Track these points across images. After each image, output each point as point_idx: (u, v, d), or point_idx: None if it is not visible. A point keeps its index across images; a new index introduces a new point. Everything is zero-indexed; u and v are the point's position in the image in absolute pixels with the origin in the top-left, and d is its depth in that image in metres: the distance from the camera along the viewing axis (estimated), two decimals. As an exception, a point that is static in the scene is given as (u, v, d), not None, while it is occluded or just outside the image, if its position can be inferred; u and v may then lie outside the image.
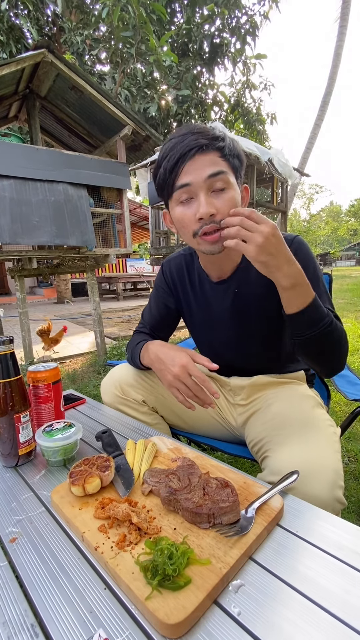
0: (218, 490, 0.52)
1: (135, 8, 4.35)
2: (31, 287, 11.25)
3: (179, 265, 0.99)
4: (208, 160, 0.71)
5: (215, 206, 0.71)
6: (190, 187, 0.72)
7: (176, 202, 0.76)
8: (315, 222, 40.46)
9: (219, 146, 0.72)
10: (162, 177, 0.76)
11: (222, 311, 0.91)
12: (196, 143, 0.70)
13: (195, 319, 0.99)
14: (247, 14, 6.85)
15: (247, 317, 0.89)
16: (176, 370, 0.73)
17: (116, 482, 0.60)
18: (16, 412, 0.68)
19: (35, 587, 0.43)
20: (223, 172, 0.71)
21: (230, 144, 0.74)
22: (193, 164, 0.71)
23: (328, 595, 0.40)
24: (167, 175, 0.74)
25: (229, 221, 0.65)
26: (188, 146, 0.70)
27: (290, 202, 11.19)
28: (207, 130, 0.73)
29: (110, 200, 3.16)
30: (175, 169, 0.72)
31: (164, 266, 1.03)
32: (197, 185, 0.71)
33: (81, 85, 2.82)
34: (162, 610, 0.37)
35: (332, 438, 0.70)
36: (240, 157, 0.78)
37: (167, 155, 0.73)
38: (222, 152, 0.72)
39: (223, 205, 0.72)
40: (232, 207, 0.72)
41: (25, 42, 5.76)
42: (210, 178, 0.71)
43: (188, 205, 0.74)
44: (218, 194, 0.72)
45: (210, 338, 0.97)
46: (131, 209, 9.51)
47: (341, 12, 12.50)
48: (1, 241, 2.42)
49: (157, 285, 1.04)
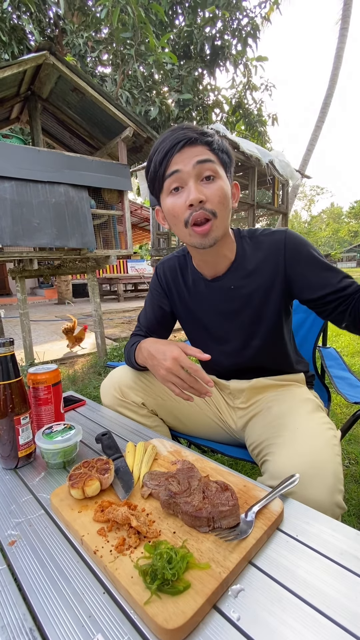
0: (218, 494, 0.52)
1: (134, 9, 4.36)
2: (32, 288, 11.26)
3: (173, 267, 0.99)
4: (197, 152, 0.73)
5: (204, 193, 0.73)
6: (180, 174, 0.73)
7: (167, 193, 0.77)
8: (316, 223, 40.46)
9: (207, 140, 0.74)
10: (153, 171, 0.78)
11: (218, 309, 0.91)
12: (184, 136, 0.72)
13: (190, 319, 0.99)
14: (248, 16, 6.87)
15: (243, 315, 0.89)
16: (168, 363, 0.73)
17: (116, 485, 0.60)
18: (16, 414, 0.68)
19: (34, 590, 0.43)
20: (211, 160, 0.73)
21: (219, 140, 0.77)
22: (182, 154, 0.73)
23: (328, 601, 0.39)
24: (158, 167, 0.76)
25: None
26: (177, 139, 0.72)
27: (291, 204, 11.19)
28: (196, 127, 0.75)
29: (111, 201, 3.17)
30: (164, 161, 0.74)
31: (158, 269, 1.03)
32: (186, 172, 0.73)
33: (82, 87, 2.83)
34: (161, 615, 0.37)
35: (332, 441, 0.70)
36: (229, 153, 0.79)
37: (157, 149, 0.75)
38: (211, 146, 0.74)
39: (212, 194, 0.73)
40: (221, 197, 0.74)
41: (27, 43, 5.78)
42: (199, 164, 0.72)
43: (178, 195, 0.76)
44: (207, 183, 0.74)
45: (207, 337, 0.97)
46: (132, 210, 9.52)
47: (342, 14, 12.52)
48: (2, 243, 2.42)
49: (152, 288, 1.05)
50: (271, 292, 0.85)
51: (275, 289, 0.85)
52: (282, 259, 0.82)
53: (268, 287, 0.85)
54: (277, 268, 0.83)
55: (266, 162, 4.78)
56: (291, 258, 0.82)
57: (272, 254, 0.83)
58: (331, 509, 0.58)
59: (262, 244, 0.86)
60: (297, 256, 0.81)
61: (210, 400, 1.02)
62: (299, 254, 0.81)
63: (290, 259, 0.82)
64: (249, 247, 0.87)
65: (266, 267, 0.84)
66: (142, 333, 1.05)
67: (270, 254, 0.84)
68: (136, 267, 10.39)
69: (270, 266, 0.84)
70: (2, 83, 2.60)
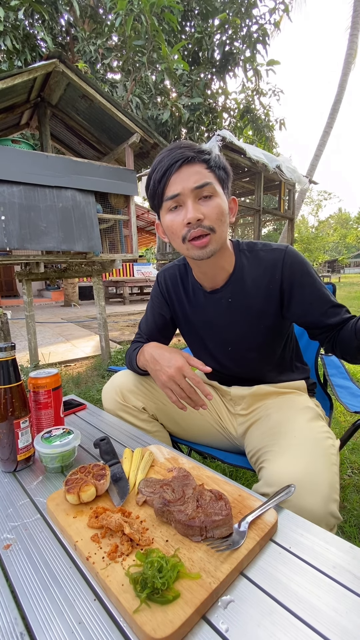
0: (212, 503, 0.52)
1: (148, 17, 4.43)
2: (39, 290, 11.38)
3: (173, 275, 1.00)
4: (194, 172, 0.74)
5: (202, 212, 0.75)
6: (178, 198, 0.75)
7: (166, 211, 0.79)
8: (324, 229, 40.26)
9: (204, 159, 0.76)
10: (152, 188, 0.80)
11: (217, 321, 0.92)
12: (182, 155, 0.74)
13: (190, 328, 0.99)
14: (258, 22, 6.92)
15: (241, 327, 0.89)
16: (171, 371, 0.75)
17: (111, 491, 0.60)
18: (16, 417, 0.69)
19: (27, 595, 0.43)
20: (209, 183, 0.75)
21: (216, 157, 0.78)
22: (180, 174, 0.74)
23: (318, 615, 0.39)
24: (157, 186, 0.78)
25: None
26: (174, 158, 0.74)
27: (298, 209, 11.16)
28: (194, 145, 0.77)
29: (118, 206, 3.20)
30: (163, 180, 0.76)
31: (159, 277, 1.04)
32: (185, 194, 0.75)
33: (91, 94, 2.88)
34: (149, 624, 0.37)
35: (330, 450, 0.70)
36: (227, 169, 0.81)
37: (156, 168, 0.77)
38: (208, 164, 0.76)
39: (210, 212, 0.75)
40: (219, 213, 0.76)
41: (40, 50, 5.90)
42: (196, 189, 0.74)
43: (177, 213, 0.77)
44: (205, 200, 0.76)
45: (205, 346, 0.97)
46: (139, 214, 9.59)
47: (352, 21, 12.53)
48: (10, 246, 2.46)
49: (153, 296, 1.06)
50: (268, 307, 0.86)
51: (271, 305, 0.86)
52: (279, 277, 0.83)
53: (264, 302, 0.86)
54: (274, 285, 0.84)
55: (273, 168, 4.78)
56: (287, 278, 0.83)
57: (270, 271, 0.84)
58: (325, 518, 0.58)
59: (261, 259, 0.86)
60: (292, 277, 0.83)
61: (211, 406, 1.02)
62: (295, 275, 0.83)
63: (286, 279, 0.83)
64: (247, 262, 0.88)
65: (263, 283, 0.85)
66: (143, 340, 1.05)
67: (268, 270, 0.85)
68: (142, 270, 10.44)
69: (267, 283, 0.85)
70: (13, 90, 2.65)
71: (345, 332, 0.78)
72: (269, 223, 10.31)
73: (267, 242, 0.89)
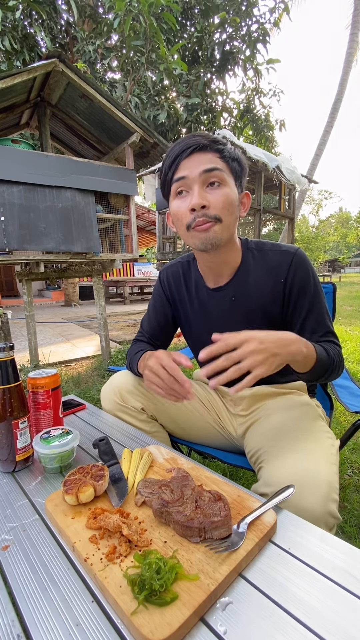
0: (210, 504, 0.52)
1: (146, 18, 4.43)
2: (39, 290, 11.38)
3: (176, 272, 0.99)
4: (205, 159, 0.74)
5: (208, 199, 0.74)
6: (186, 180, 0.75)
7: (174, 196, 0.79)
8: (324, 228, 40.22)
9: (217, 148, 0.75)
10: (163, 174, 0.80)
11: (219, 319, 0.91)
12: (195, 142, 0.74)
13: (191, 326, 0.99)
14: (258, 22, 6.90)
15: (244, 327, 0.88)
16: (150, 362, 0.74)
17: (110, 492, 0.60)
18: (14, 418, 0.69)
19: (24, 597, 0.43)
20: (218, 168, 0.74)
21: (231, 148, 0.77)
22: (190, 160, 0.74)
23: (317, 617, 0.39)
24: (167, 171, 0.78)
25: (216, 366, 0.63)
26: (187, 145, 0.74)
27: (299, 209, 11.14)
28: (209, 135, 0.76)
29: (118, 205, 3.20)
30: (173, 165, 0.76)
31: (161, 274, 1.04)
32: (192, 178, 0.74)
33: (91, 94, 2.87)
34: (147, 626, 0.37)
35: (329, 450, 0.69)
36: (241, 162, 0.79)
37: (169, 154, 0.77)
38: (221, 153, 0.75)
39: (216, 200, 0.74)
40: (225, 203, 0.74)
41: (39, 50, 5.90)
42: (205, 173, 0.73)
43: (183, 199, 0.77)
44: (212, 189, 0.75)
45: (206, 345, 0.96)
46: (139, 214, 9.59)
47: (352, 20, 12.51)
48: (9, 247, 2.46)
49: (154, 294, 1.05)
50: (271, 308, 0.85)
51: (275, 307, 0.85)
52: (284, 280, 0.82)
53: (267, 303, 0.85)
54: (278, 287, 0.83)
55: (273, 168, 4.78)
56: (292, 281, 0.82)
57: (276, 272, 0.83)
58: (324, 518, 0.57)
59: (269, 260, 0.85)
60: (297, 281, 0.82)
61: (211, 406, 1.02)
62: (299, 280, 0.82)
63: (291, 283, 0.82)
64: (254, 260, 0.87)
65: (268, 284, 0.84)
66: (145, 339, 1.05)
67: (274, 271, 0.83)
68: (142, 270, 10.44)
69: (272, 284, 0.84)
70: (13, 90, 2.65)
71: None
72: (269, 222, 10.30)
73: (277, 243, 0.88)
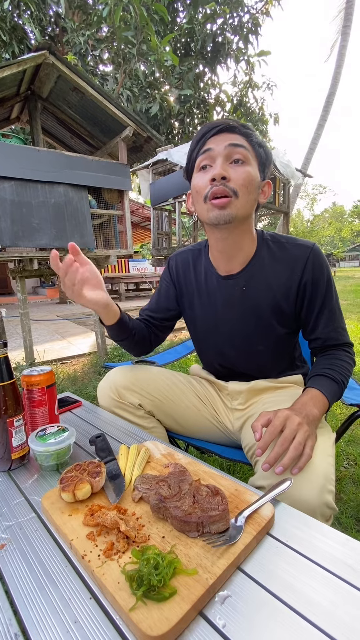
0: (208, 498, 0.52)
1: (136, 8, 4.35)
2: (34, 287, 11.29)
3: (185, 260, 0.99)
4: (232, 137, 0.76)
5: (229, 173, 0.75)
6: (211, 152, 0.76)
7: (196, 171, 0.80)
8: (319, 222, 40.29)
9: (246, 132, 0.77)
10: (189, 152, 0.81)
11: (227, 308, 0.90)
12: (224, 123, 0.76)
13: (197, 314, 0.97)
14: (249, 12, 6.83)
15: (253, 316, 0.87)
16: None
17: (107, 489, 0.59)
18: (9, 416, 0.68)
19: (21, 595, 0.43)
20: (244, 146, 0.75)
21: (258, 136, 0.80)
22: (217, 137, 0.76)
23: (316, 609, 0.39)
24: (193, 147, 0.80)
25: (276, 454, 0.62)
26: (216, 124, 0.77)
27: (293, 203, 11.14)
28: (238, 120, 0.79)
29: (112, 201, 3.17)
30: (200, 142, 0.78)
31: (170, 260, 1.03)
32: (217, 151, 0.76)
33: (82, 87, 2.83)
34: (145, 622, 0.37)
35: (326, 443, 0.69)
36: (267, 150, 0.81)
37: (197, 134, 0.80)
38: (249, 137, 0.77)
39: (237, 176, 0.75)
40: (246, 180, 0.76)
41: (28, 42, 5.78)
42: (230, 146, 0.75)
43: (205, 172, 0.78)
44: (235, 165, 0.76)
45: (212, 335, 0.96)
46: (134, 209, 9.51)
47: (345, 13, 12.43)
48: (2, 244, 2.43)
49: (161, 279, 1.05)
50: (283, 302, 0.84)
51: (286, 299, 0.84)
52: (300, 274, 0.82)
53: (279, 296, 0.84)
54: (293, 281, 0.82)
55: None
56: (307, 278, 0.82)
57: (291, 266, 0.83)
58: (320, 509, 0.58)
59: (284, 252, 0.84)
60: (313, 276, 0.82)
61: (208, 401, 1.02)
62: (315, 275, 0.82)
63: (307, 278, 0.82)
64: (269, 252, 0.86)
65: (282, 276, 0.83)
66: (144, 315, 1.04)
67: (290, 265, 0.83)
68: (138, 267, 10.39)
69: (286, 277, 0.83)
70: (2, 83, 2.60)
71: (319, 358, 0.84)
72: (263, 217, 10.29)
73: (293, 237, 0.87)
